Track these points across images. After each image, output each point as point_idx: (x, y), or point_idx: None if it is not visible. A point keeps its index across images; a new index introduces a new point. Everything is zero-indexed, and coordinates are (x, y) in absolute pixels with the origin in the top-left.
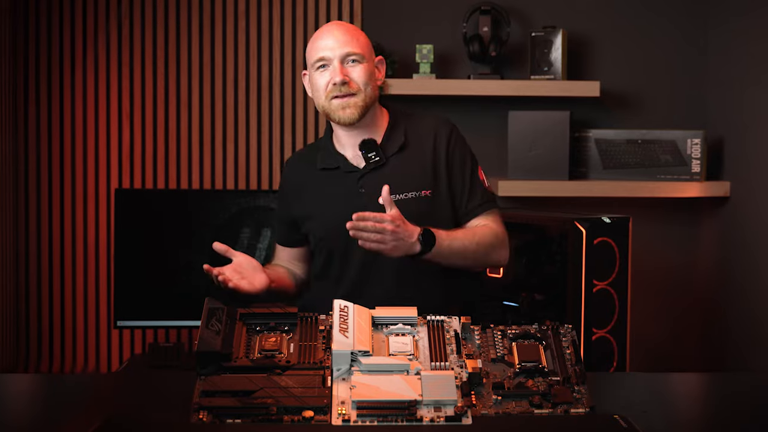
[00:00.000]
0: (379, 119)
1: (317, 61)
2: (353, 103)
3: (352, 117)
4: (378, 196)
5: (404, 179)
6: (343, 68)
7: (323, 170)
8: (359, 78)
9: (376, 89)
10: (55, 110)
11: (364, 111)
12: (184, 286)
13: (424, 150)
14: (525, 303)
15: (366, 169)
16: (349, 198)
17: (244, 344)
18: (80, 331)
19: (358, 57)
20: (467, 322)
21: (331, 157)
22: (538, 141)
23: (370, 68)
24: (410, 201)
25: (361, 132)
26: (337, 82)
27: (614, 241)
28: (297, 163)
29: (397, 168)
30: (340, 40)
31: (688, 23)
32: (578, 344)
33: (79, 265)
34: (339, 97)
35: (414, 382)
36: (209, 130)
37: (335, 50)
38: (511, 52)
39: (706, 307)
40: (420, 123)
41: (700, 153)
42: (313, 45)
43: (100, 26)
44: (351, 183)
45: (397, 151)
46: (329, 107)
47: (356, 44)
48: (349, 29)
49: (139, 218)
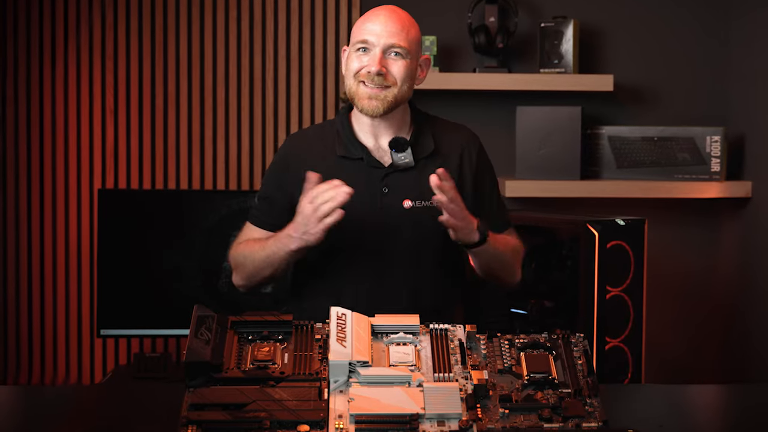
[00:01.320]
0: (406, 117)
1: (359, 43)
2: (383, 96)
3: (376, 110)
4: (402, 199)
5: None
6: (384, 59)
7: (343, 158)
8: (398, 73)
9: (411, 88)
10: (34, 105)
11: (392, 107)
12: (171, 292)
13: (452, 161)
14: (534, 310)
15: (391, 168)
16: (371, 196)
17: (235, 354)
18: (61, 341)
19: (402, 51)
20: (472, 330)
21: (353, 145)
22: (547, 138)
23: (412, 65)
24: (433, 210)
25: (388, 125)
26: (373, 71)
27: (629, 245)
28: (307, 140)
29: (425, 174)
30: (389, 29)
31: (708, 13)
32: (590, 354)
33: (60, 271)
34: (369, 86)
35: (416, 395)
36: (198, 127)
37: (381, 38)
38: (519, 43)
39: (726, 314)
40: (447, 131)
41: (720, 151)
42: (360, 24)
43: (82, 15)
44: (374, 180)
45: (426, 155)
46: (356, 92)
47: (404, 37)
48: (402, 19)
49: (124, 220)
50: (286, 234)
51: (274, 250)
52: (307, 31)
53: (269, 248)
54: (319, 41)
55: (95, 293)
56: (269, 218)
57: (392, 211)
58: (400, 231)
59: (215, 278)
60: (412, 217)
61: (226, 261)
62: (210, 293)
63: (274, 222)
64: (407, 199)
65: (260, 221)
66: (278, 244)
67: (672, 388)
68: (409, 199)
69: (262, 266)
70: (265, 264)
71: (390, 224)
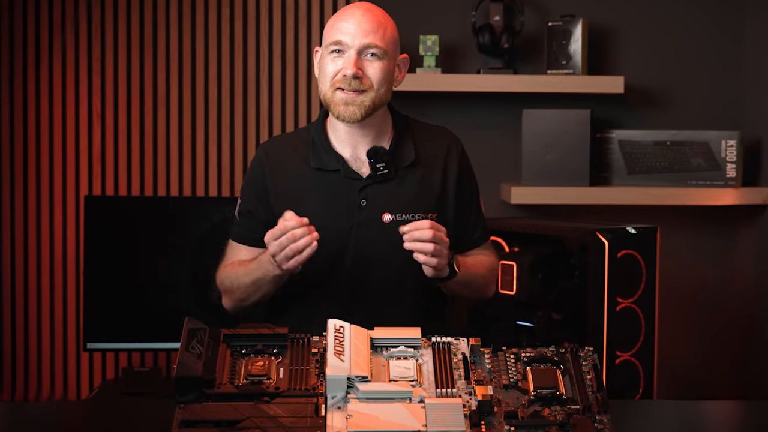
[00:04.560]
0: (386, 123)
1: (332, 44)
2: (359, 101)
3: (353, 116)
4: (381, 212)
5: (412, 198)
6: (359, 60)
7: (318, 170)
8: (375, 75)
9: (390, 91)
10: (18, 108)
11: (370, 112)
12: (161, 304)
13: (433, 170)
14: (541, 323)
15: (370, 180)
16: (348, 210)
17: (228, 369)
18: (46, 354)
19: (378, 52)
20: (476, 344)
21: (328, 155)
22: (555, 143)
23: (389, 67)
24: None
25: (366, 132)
26: (348, 74)
27: (640, 254)
28: (280, 150)
29: (405, 185)
30: (364, 28)
31: (723, 11)
32: (600, 369)
33: (45, 281)
34: (346, 91)
35: (417, 411)
36: (190, 130)
37: (355, 38)
38: (525, 43)
39: (742, 326)
40: (429, 137)
41: (736, 156)
42: (333, 24)
43: (67, 14)
44: (351, 192)
45: (406, 166)
46: (331, 98)
47: (380, 37)
48: (377, 17)
49: (111, 228)
50: (267, 258)
51: (259, 275)
52: (303, 30)
53: (254, 273)
54: (315, 41)
55: (81, 305)
56: (253, 233)
57: (371, 225)
58: (378, 246)
59: (207, 289)
60: (392, 232)
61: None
62: (201, 305)
63: (259, 237)
64: (387, 213)
65: (244, 238)
66: (262, 269)
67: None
68: (388, 213)
69: (251, 291)
70: (254, 288)
71: (368, 239)
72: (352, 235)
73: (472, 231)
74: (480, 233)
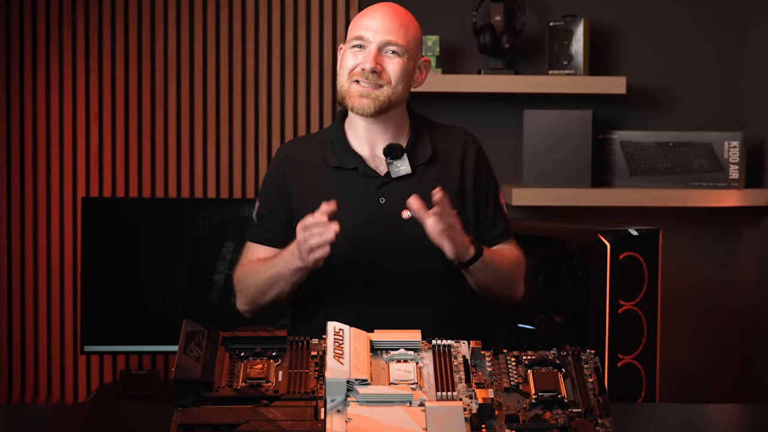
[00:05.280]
0: (404, 122)
1: (355, 39)
2: (375, 95)
3: (367, 109)
4: (400, 209)
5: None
6: (379, 56)
7: (337, 169)
8: (393, 71)
9: (408, 90)
10: (15, 109)
11: (384, 108)
12: (159, 306)
13: (451, 167)
14: (542, 326)
15: (388, 177)
16: (367, 208)
17: (226, 372)
18: (43, 357)
19: (399, 50)
20: (477, 347)
21: (347, 154)
22: (556, 144)
23: (409, 65)
24: None
25: (384, 129)
26: (367, 68)
27: (642, 256)
28: (300, 150)
29: (424, 182)
30: (386, 25)
31: (726, 12)
32: (602, 372)
33: (42, 283)
34: (362, 83)
35: (417, 415)
36: (188, 131)
37: (377, 34)
38: (526, 44)
39: (745, 328)
40: (447, 136)
41: (739, 157)
42: (357, 20)
43: (64, 13)
44: (370, 190)
45: (424, 162)
46: (348, 90)
47: (402, 35)
48: (400, 17)
49: (109, 230)
50: (290, 251)
51: (279, 269)
52: (302, 30)
53: (274, 267)
54: (315, 41)
55: (78, 307)
56: (274, 233)
57: (390, 223)
58: (398, 243)
59: (205, 291)
60: (412, 229)
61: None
62: (200, 307)
63: (280, 237)
64: (405, 210)
65: (264, 238)
66: (282, 262)
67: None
68: (407, 210)
69: (267, 287)
70: (270, 284)
71: (388, 237)
72: (372, 233)
73: (493, 227)
74: (501, 229)
